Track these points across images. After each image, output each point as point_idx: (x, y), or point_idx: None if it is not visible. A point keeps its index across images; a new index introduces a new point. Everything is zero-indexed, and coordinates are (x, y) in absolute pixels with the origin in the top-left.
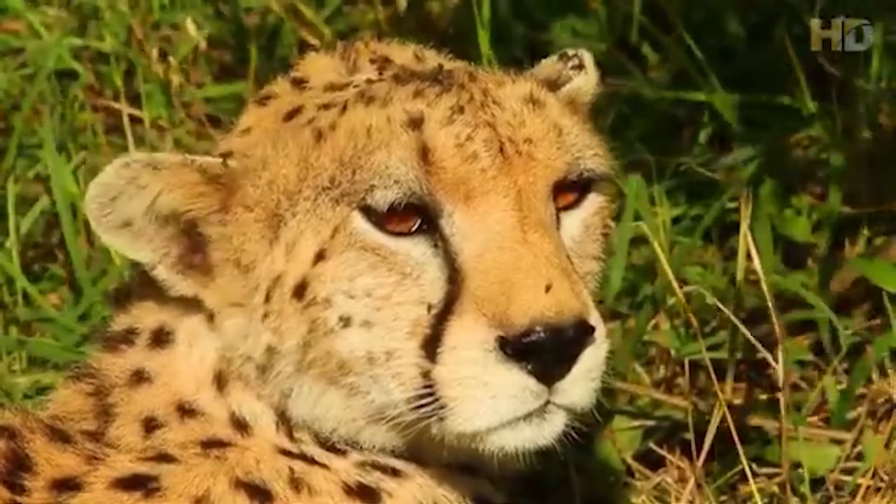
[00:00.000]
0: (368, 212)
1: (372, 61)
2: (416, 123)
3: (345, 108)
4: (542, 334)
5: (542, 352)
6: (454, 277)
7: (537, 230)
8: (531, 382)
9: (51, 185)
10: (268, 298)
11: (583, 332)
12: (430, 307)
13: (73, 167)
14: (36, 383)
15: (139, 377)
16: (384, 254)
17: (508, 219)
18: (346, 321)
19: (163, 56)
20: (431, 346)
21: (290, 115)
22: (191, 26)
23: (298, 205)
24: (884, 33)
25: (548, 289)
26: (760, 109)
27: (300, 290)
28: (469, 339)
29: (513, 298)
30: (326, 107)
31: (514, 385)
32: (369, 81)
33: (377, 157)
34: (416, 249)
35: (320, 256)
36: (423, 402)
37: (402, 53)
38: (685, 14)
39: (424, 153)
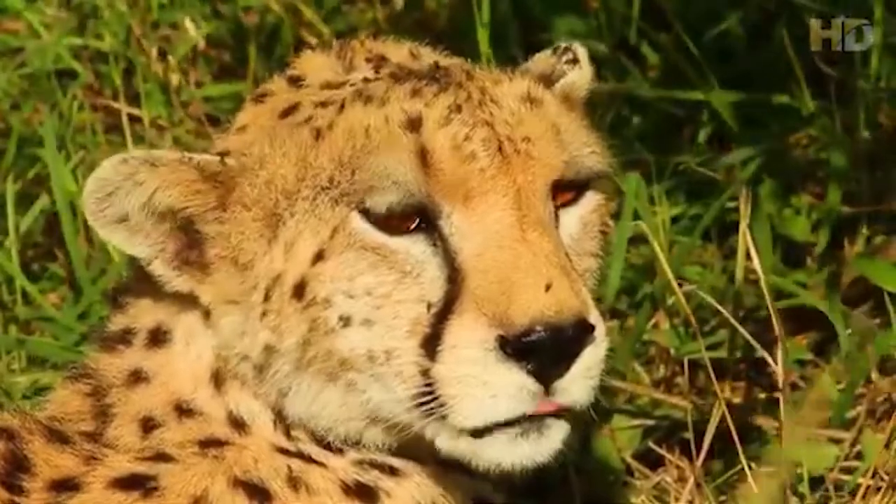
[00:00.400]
0: (367, 213)
1: (368, 60)
2: (414, 124)
3: (342, 106)
4: (542, 333)
5: (542, 351)
6: (454, 277)
7: (536, 229)
8: (529, 382)
9: (50, 185)
10: (267, 297)
11: (583, 331)
12: (429, 306)
13: (72, 166)
14: (35, 382)
15: (137, 377)
16: (384, 252)
17: (507, 218)
18: (346, 320)
19: (162, 55)
20: (431, 344)
21: (287, 112)
22: (190, 26)
23: (297, 204)
24: (883, 33)
25: (548, 288)
26: (759, 109)
27: (299, 290)
28: (469, 339)
29: (513, 298)
30: (323, 105)
31: (513, 384)
32: (366, 80)
33: (376, 159)
34: (416, 248)
35: (319, 256)
36: (424, 399)
37: (398, 51)
38: (683, 13)
39: (423, 155)
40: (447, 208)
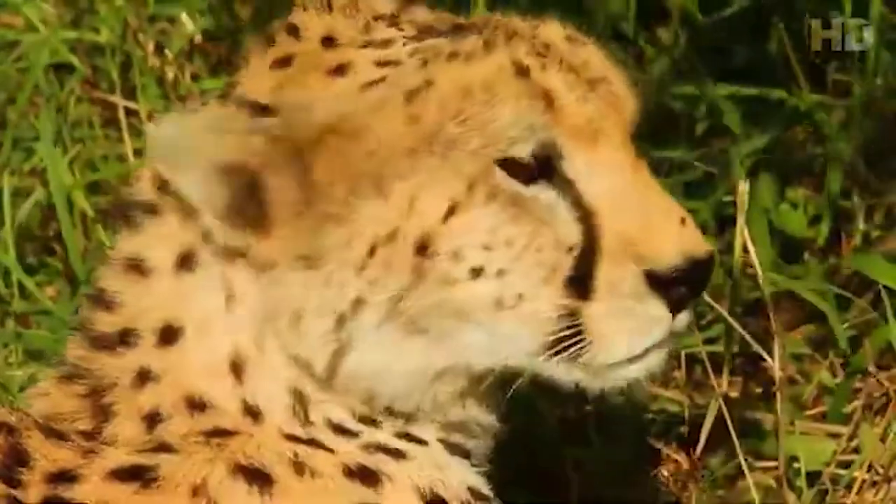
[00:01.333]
0: (506, 163)
1: (376, 18)
2: (523, 71)
3: (426, 63)
4: (689, 268)
5: (685, 284)
6: (585, 218)
7: (644, 167)
8: (667, 313)
9: (47, 178)
10: (372, 252)
11: (713, 264)
12: (570, 248)
13: (68, 160)
14: (32, 376)
15: (144, 377)
16: (521, 202)
17: (626, 157)
18: (477, 272)
19: (159, 49)
20: (578, 285)
21: (337, 71)
22: (186, 20)
23: (421, 161)
24: (880, 29)
25: (682, 222)
26: (757, 103)
27: (422, 245)
28: (623, 274)
29: (658, 234)
30: (392, 64)
31: (659, 317)
32: (410, 37)
33: (506, 109)
34: (545, 194)
35: (451, 212)
36: (561, 340)
37: (388, 6)
38: (681, 6)
39: (547, 97)
40: (569, 150)
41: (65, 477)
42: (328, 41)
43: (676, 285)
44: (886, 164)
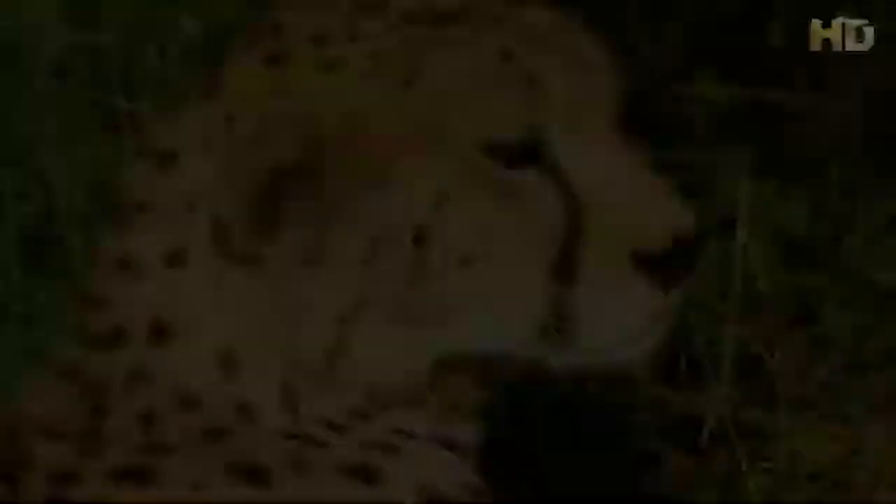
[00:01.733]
0: (492, 149)
1: (359, 7)
2: (509, 57)
3: (414, 49)
4: (679, 245)
5: (672, 263)
6: (571, 202)
7: (632, 150)
8: (656, 292)
9: (48, 179)
10: (374, 249)
11: (702, 243)
12: (556, 233)
13: (69, 161)
14: (33, 377)
15: (138, 376)
16: (507, 188)
17: (611, 140)
18: (466, 260)
19: (160, 51)
20: (562, 270)
21: (332, 65)
22: (187, 21)
23: (414, 149)
24: (881, 29)
25: (669, 201)
26: (758, 104)
27: (418, 237)
28: (608, 256)
29: (644, 214)
30: (383, 53)
31: (648, 297)
32: (396, 25)
33: (494, 94)
34: (531, 179)
35: (441, 200)
36: (553, 327)
37: None
38: (681, 6)
39: (534, 83)
40: (555, 134)
41: (64, 477)
42: (317, 39)
43: (665, 264)
44: (886, 164)
